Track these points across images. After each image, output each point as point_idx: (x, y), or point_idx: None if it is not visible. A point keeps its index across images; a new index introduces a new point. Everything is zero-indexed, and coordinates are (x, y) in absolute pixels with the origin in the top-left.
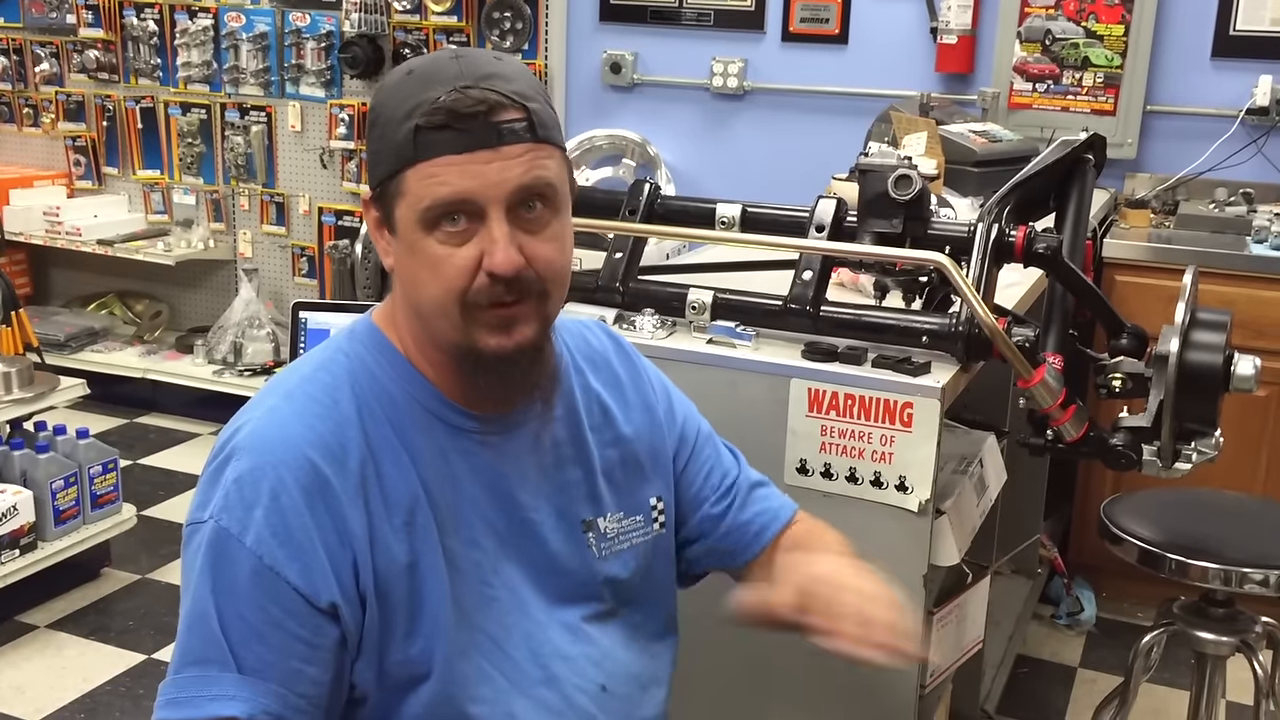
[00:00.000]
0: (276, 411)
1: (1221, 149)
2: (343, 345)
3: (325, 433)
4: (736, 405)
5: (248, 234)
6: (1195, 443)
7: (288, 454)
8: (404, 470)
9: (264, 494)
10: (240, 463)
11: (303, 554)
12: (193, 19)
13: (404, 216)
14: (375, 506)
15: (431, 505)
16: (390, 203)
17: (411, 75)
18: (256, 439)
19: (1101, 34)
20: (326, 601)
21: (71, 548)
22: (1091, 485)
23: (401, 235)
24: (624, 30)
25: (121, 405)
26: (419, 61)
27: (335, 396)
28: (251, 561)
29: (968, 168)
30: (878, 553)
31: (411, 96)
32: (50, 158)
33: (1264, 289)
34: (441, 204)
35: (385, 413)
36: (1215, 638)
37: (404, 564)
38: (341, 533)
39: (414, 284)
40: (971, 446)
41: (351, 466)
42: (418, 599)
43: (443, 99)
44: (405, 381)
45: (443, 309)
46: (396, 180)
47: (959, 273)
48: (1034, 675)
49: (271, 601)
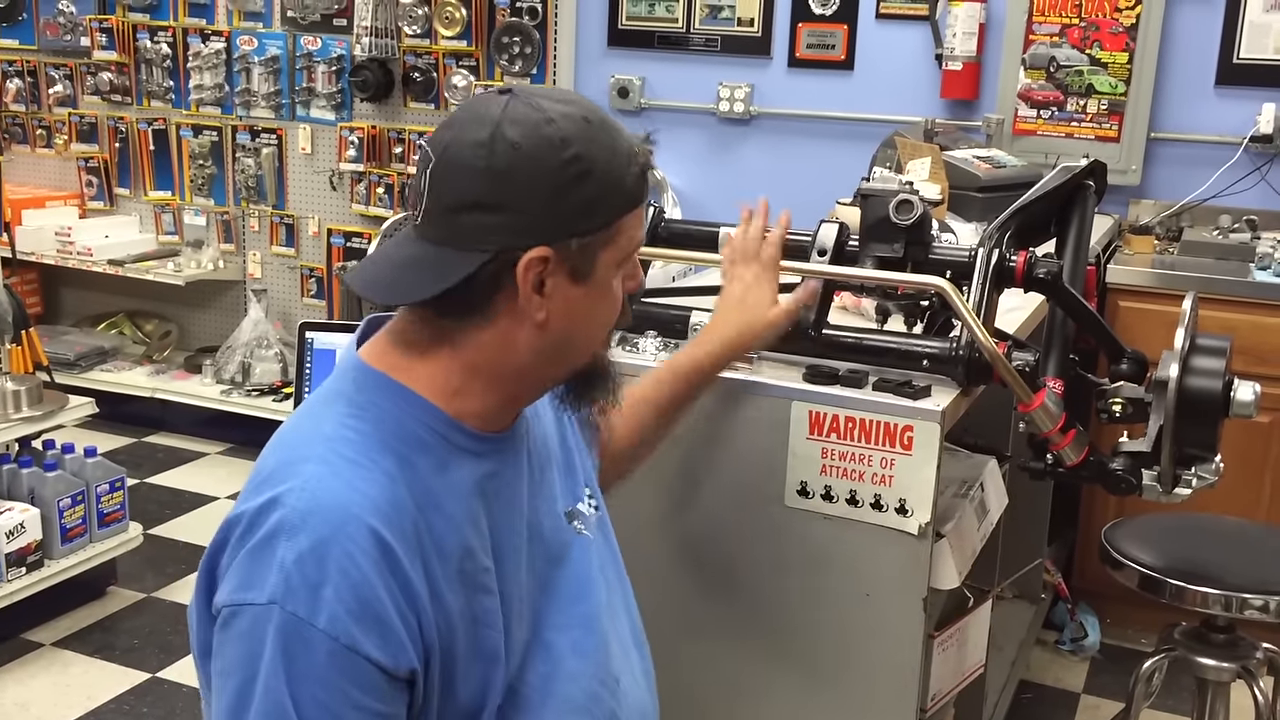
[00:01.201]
0: (320, 480)
1: (1225, 176)
2: (353, 398)
3: (377, 496)
4: (737, 427)
5: (257, 255)
6: (1195, 468)
7: (348, 525)
8: (448, 517)
9: (331, 571)
10: (295, 540)
11: (380, 627)
12: (205, 42)
13: (608, 260)
14: (430, 563)
15: (480, 541)
16: (595, 248)
17: (591, 124)
18: (309, 514)
19: (1106, 61)
20: (406, 670)
21: (78, 566)
22: (1095, 510)
23: (598, 281)
24: (632, 55)
25: (130, 424)
26: (574, 107)
27: (371, 455)
28: (328, 645)
29: (972, 193)
30: (878, 575)
31: (615, 142)
32: (63, 178)
33: (1267, 315)
34: (637, 243)
35: (422, 460)
36: (1216, 664)
37: (460, 613)
38: (408, 597)
39: (585, 325)
40: (973, 470)
41: (407, 526)
42: (474, 644)
43: (638, 147)
44: (431, 420)
45: (600, 342)
46: (615, 226)
47: (959, 297)
48: (1037, 701)
49: (351, 683)
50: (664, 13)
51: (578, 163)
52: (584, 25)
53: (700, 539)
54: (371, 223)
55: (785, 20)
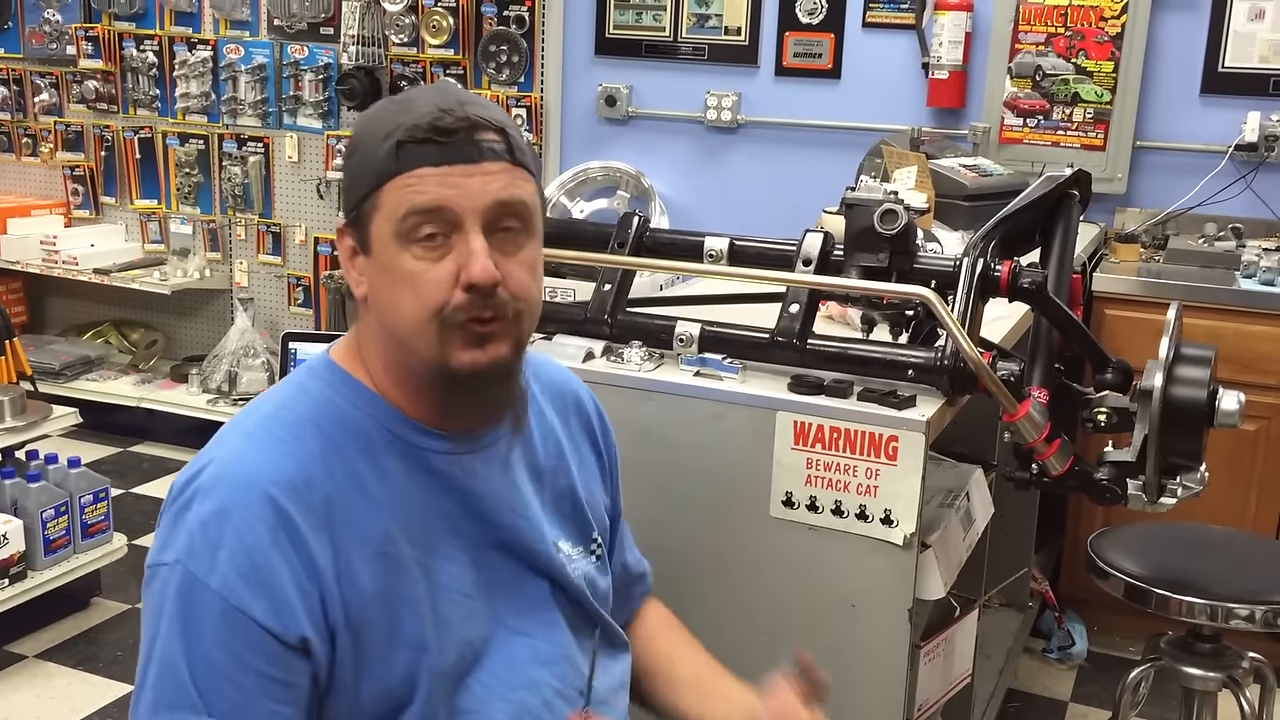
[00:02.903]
0: (238, 451)
1: (1210, 184)
2: (304, 382)
3: (289, 469)
4: (722, 438)
5: (244, 264)
6: (1181, 477)
7: (250, 493)
8: (373, 501)
9: (228, 535)
10: (203, 505)
11: (269, 591)
12: (191, 51)
13: (380, 232)
14: (341, 540)
15: (406, 529)
16: (366, 221)
17: (392, 102)
18: (218, 480)
19: (1091, 70)
20: (296, 637)
21: (61, 577)
22: (1082, 519)
23: (377, 255)
24: (619, 64)
25: (116, 434)
26: (400, 94)
27: (298, 434)
28: (218, 604)
29: (958, 202)
30: (863, 586)
31: (392, 119)
32: (48, 187)
33: (1252, 323)
34: (419, 210)
35: (354, 444)
36: (1202, 673)
37: (375, 594)
38: (308, 568)
39: (391, 306)
40: (959, 480)
41: (316, 502)
42: (392, 627)
43: (424, 116)
44: (373, 410)
45: (419, 326)
46: (375, 195)
47: (944, 307)
48: (1024, 709)
49: (241, 643)
50: (651, 21)
51: (352, 142)
52: (571, 34)
53: (684, 550)
54: None
55: (772, 29)
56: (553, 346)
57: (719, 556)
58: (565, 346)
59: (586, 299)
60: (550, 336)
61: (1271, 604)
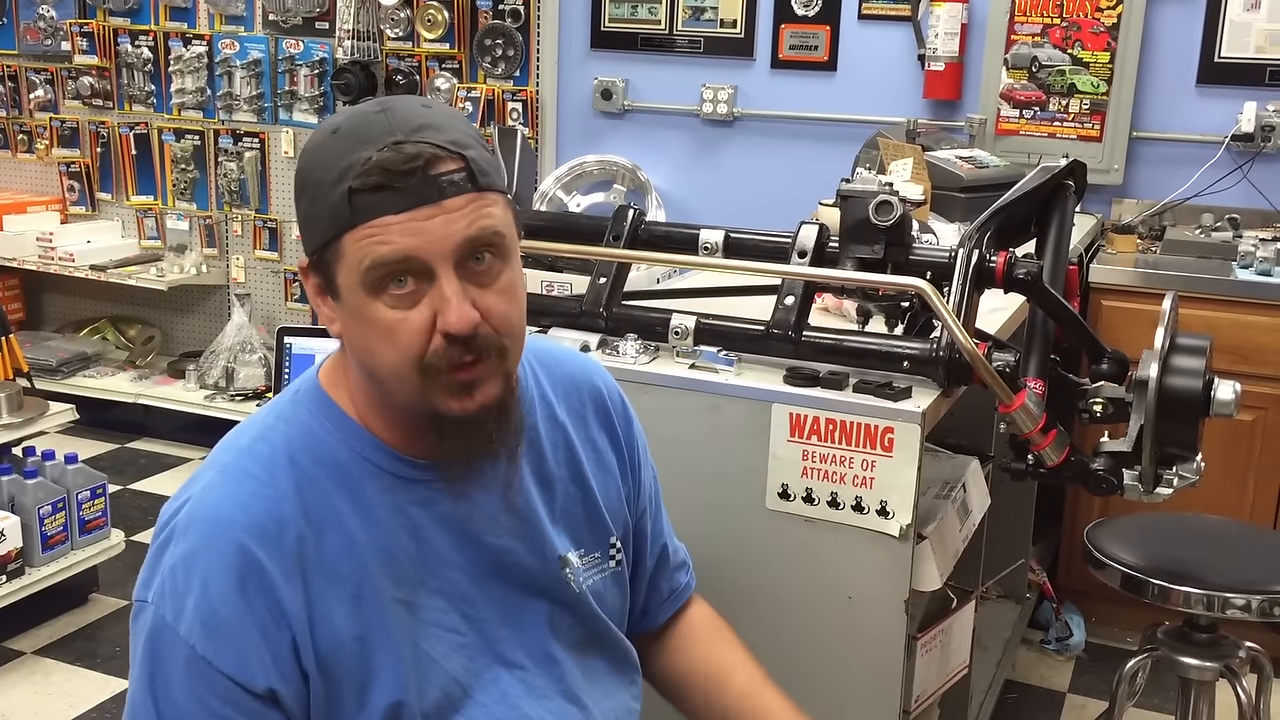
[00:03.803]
0: (211, 490)
1: (1207, 175)
2: (284, 412)
3: (259, 512)
4: (718, 430)
5: (240, 259)
6: (1176, 467)
7: (219, 539)
8: (350, 539)
9: (195, 582)
10: (177, 547)
11: (235, 642)
12: (186, 46)
13: (346, 282)
14: (315, 582)
15: (388, 565)
16: (330, 269)
17: (337, 134)
18: (191, 521)
19: (1088, 61)
20: (263, 687)
21: (59, 573)
22: (1080, 509)
23: (346, 301)
24: (615, 57)
25: (113, 430)
26: (343, 118)
27: (271, 470)
28: (185, 652)
29: (954, 193)
30: (859, 578)
31: (341, 158)
32: (44, 183)
33: (1249, 313)
34: (385, 263)
35: (331, 478)
36: (1199, 663)
37: (351, 636)
38: (276, 615)
39: (368, 351)
40: (955, 471)
41: (288, 544)
42: (369, 670)
43: (374, 157)
44: (353, 441)
45: (399, 376)
46: (334, 246)
47: (939, 298)
48: (1022, 700)
49: (208, 691)
50: (647, 14)
51: (299, 177)
52: (567, 27)
53: (680, 543)
54: None
55: (768, 21)
56: (577, 354)
57: (715, 549)
58: (561, 340)
59: (582, 292)
60: (546, 330)
61: (1268, 593)
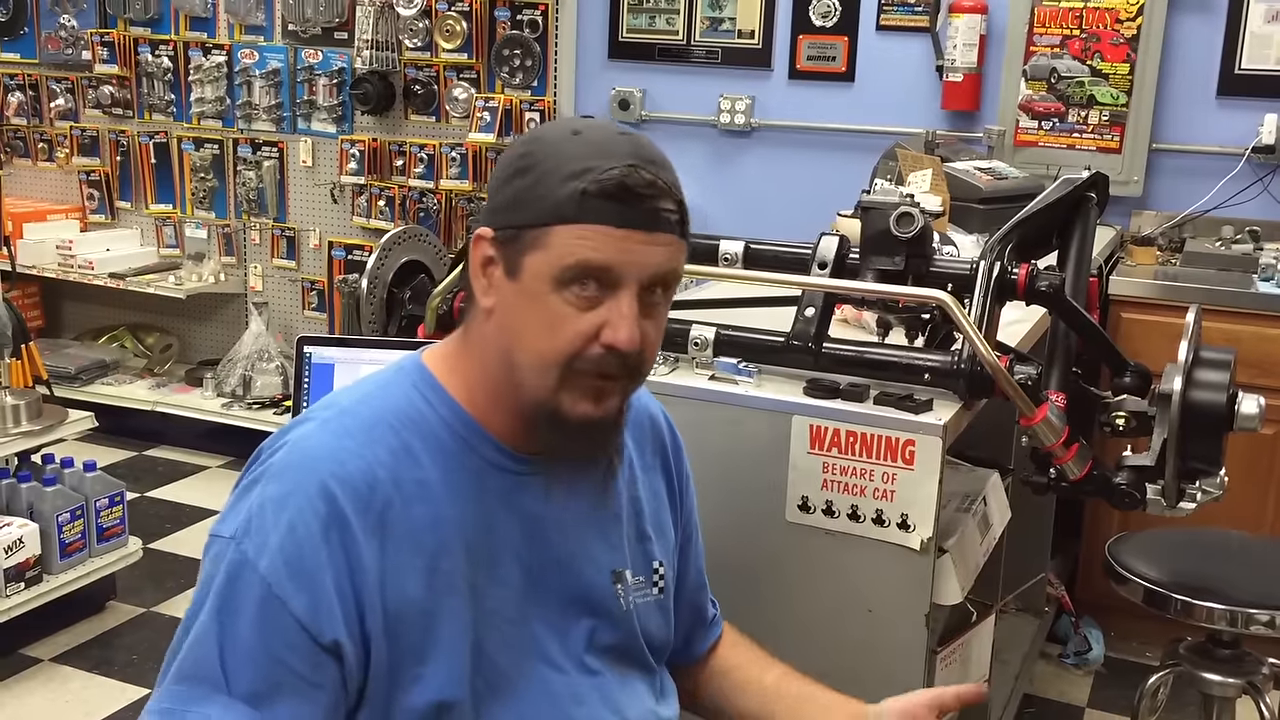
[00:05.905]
0: (309, 439)
1: (1227, 187)
2: (389, 380)
3: (353, 469)
4: (738, 442)
5: (258, 268)
6: (1200, 482)
7: (312, 485)
8: (435, 513)
9: (283, 523)
10: (268, 487)
11: (312, 587)
12: (206, 55)
13: (536, 268)
14: (393, 546)
15: (466, 545)
16: (521, 249)
17: (579, 137)
18: (287, 466)
19: (1107, 72)
20: (330, 639)
21: (77, 581)
22: (1099, 523)
23: (524, 284)
24: (632, 68)
25: (131, 438)
26: (583, 124)
27: (372, 433)
28: (261, 589)
29: (973, 205)
30: (880, 591)
31: (580, 159)
32: (64, 192)
33: (1270, 327)
34: (588, 266)
35: (428, 452)
36: (1221, 679)
37: (419, 608)
38: (354, 570)
39: (518, 333)
40: (975, 484)
41: (375, 506)
42: (430, 644)
43: (618, 171)
44: (454, 420)
45: (543, 365)
46: (543, 232)
47: (960, 310)
48: (1041, 715)
49: (275, 632)
50: (664, 25)
51: (523, 159)
52: (584, 38)
53: None
54: (372, 235)
55: (786, 32)
56: None
57: (735, 562)
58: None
59: None
60: None
61: None
